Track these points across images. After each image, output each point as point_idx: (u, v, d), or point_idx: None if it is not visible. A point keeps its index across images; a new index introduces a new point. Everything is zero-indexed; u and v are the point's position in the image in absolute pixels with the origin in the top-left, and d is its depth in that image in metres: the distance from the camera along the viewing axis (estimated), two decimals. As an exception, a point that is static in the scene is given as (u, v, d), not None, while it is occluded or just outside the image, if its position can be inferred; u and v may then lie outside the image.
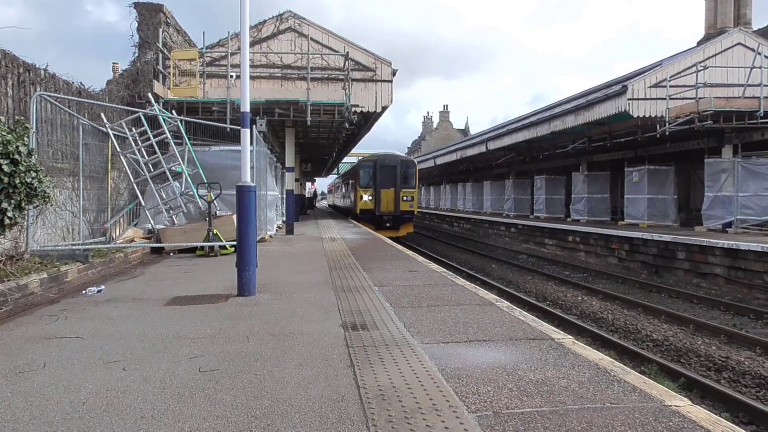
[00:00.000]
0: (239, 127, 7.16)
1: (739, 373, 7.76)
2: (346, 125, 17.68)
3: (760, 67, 16.54)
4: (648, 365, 8.11)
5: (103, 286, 7.34)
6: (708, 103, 16.17)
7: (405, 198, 25.14)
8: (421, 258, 11.13)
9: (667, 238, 16.49)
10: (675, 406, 3.21)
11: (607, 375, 3.75)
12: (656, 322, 10.90)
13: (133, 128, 12.14)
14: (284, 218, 19.47)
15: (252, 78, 16.17)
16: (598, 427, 2.91)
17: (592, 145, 23.33)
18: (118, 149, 11.73)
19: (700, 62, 18.00)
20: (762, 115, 16.13)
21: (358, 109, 17.80)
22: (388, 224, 24.67)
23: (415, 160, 28.13)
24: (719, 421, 3.06)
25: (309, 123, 16.13)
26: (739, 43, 19.37)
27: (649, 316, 11.56)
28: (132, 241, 11.33)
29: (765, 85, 16.45)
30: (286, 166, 18.63)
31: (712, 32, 31.06)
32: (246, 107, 6.98)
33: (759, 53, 17.13)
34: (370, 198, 25.01)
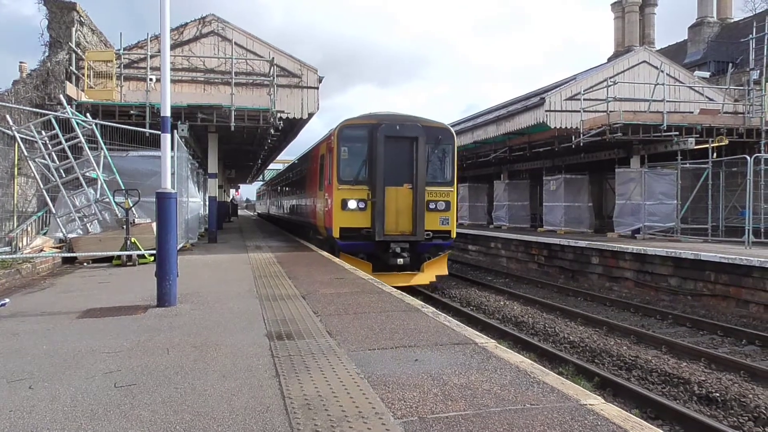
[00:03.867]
0: (159, 132, 6.91)
1: (647, 371, 8.25)
2: (272, 131, 17.43)
3: (663, 84, 17.86)
4: (565, 366, 8.47)
5: (7, 300, 6.82)
6: (618, 117, 17.25)
7: (434, 205, 13.53)
8: (348, 265, 11.11)
9: (582, 243, 17.34)
10: (590, 404, 3.38)
11: (528, 377, 3.89)
12: (573, 325, 11.41)
13: (43, 131, 11.44)
14: (206, 226, 18.93)
15: (173, 81, 15.68)
16: (519, 428, 3.01)
17: (513, 154, 24.24)
18: (26, 154, 10.99)
19: (610, 77, 19.16)
20: (665, 128, 17.37)
21: (284, 116, 17.58)
22: (400, 260, 13.04)
23: (452, 129, 14.78)
24: (629, 417, 3.25)
25: (233, 128, 15.78)
26: (645, 61, 20.83)
27: (566, 319, 12.08)
28: (41, 250, 10.63)
29: (668, 101, 17.79)
30: (209, 172, 18.16)
31: (621, 50, 33.23)
32: (166, 111, 6.75)
33: (662, 71, 18.54)
34: (362, 205, 13.17)
